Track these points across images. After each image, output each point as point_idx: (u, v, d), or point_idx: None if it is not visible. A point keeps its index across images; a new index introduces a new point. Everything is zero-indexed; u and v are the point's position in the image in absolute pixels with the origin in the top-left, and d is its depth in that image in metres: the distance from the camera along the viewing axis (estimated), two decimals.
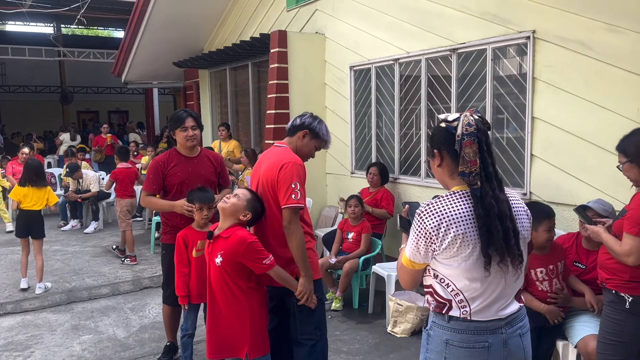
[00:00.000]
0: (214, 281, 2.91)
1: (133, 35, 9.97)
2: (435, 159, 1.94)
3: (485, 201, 1.80)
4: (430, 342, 1.96)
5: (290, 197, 2.84)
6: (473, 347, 1.86)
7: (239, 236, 2.82)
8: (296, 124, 3.14)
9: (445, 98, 5.52)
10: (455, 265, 1.83)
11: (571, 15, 4.21)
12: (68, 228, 8.82)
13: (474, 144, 1.81)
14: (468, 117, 1.85)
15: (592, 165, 4.14)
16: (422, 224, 1.83)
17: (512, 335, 1.90)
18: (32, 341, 4.49)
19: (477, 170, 1.81)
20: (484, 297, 1.86)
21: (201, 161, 3.87)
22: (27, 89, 22.58)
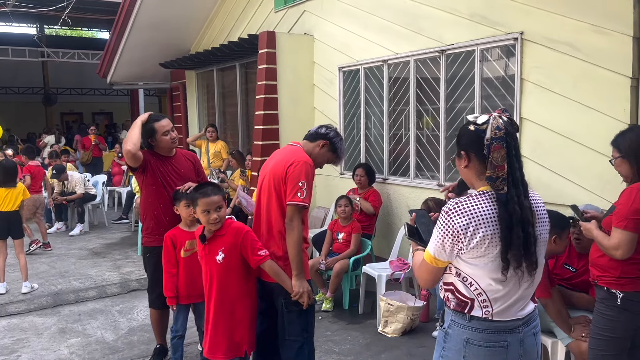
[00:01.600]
0: (216, 280, 2.90)
1: (119, 35, 9.88)
2: (462, 160, 1.94)
3: (509, 207, 1.80)
4: (449, 341, 1.95)
5: (296, 194, 2.84)
6: (493, 347, 1.88)
7: (235, 227, 2.90)
8: (320, 132, 3.13)
9: (434, 99, 5.56)
10: (480, 265, 1.83)
11: (558, 17, 4.26)
12: (53, 230, 8.71)
13: (502, 149, 1.80)
14: (497, 119, 1.83)
15: (581, 165, 4.19)
16: (450, 222, 1.83)
17: (527, 334, 1.93)
18: (19, 345, 4.42)
19: (504, 175, 1.80)
20: (506, 299, 1.87)
21: (179, 160, 3.84)
22: (9, 90, 22.25)
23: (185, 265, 3.61)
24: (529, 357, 1.94)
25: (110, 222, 9.43)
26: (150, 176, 3.70)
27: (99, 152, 12.22)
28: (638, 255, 2.64)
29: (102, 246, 7.72)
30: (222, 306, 2.92)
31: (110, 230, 8.87)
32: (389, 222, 6.10)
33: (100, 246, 7.72)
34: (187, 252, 3.60)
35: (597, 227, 2.80)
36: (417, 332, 4.56)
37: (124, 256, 7.11)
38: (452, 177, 5.40)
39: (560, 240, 3.17)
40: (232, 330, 2.94)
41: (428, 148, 5.71)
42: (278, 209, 2.95)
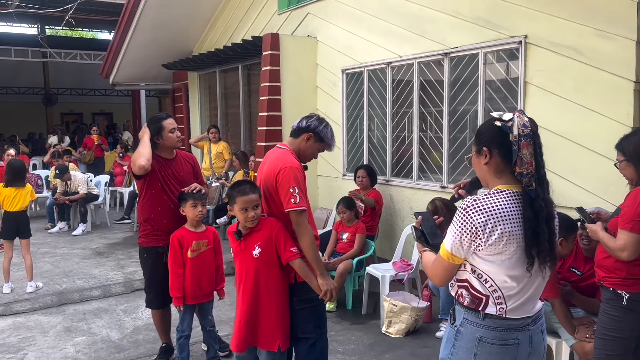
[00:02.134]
0: (253, 274, 2.93)
1: (122, 36, 9.91)
2: (482, 157, 1.94)
3: (536, 203, 1.83)
4: (460, 339, 1.97)
5: (290, 201, 2.89)
6: (505, 344, 1.91)
7: (269, 222, 2.96)
8: (302, 125, 3.14)
9: (438, 101, 5.60)
10: (497, 263, 1.86)
11: (562, 21, 4.31)
12: (55, 230, 8.73)
13: (530, 146, 1.83)
14: (522, 117, 1.87)
15: (583, 167, 4.24)
16: (468, 219, 1.84)
17: (536, 331, 1.97)
18: (25, 343, 4.45)
19: (532, 172, 1.83)
20: (520, 296, 1.90)
21: (179, 163, 3.87)
22: (10, 90, 22.26)
23: (192, 265, 3.64)
24: (537, 353, 1.98)
25: (112, 222, 9.45)
26: (152, 181, 3.72)
27: (101, 152, 12.24)
28: None
29: (105, 246, 7.75)
30: (260, 300, 2.94)
31: (112, 231, 8.90)
32: (391, 223, 6.14)
33: (103, 246, 7.75)
34: (194, 253, 3.64)
35: (603, 229, 2.84)
36: (421, 333, 4.60)
37: (127, 256, 7.13)
38: (455, 179, 5.44)
39: (566, 242, 3.22)
40: (267, 324, 2.95)
41: (431, 150, 5.75)
42: (280, 216, 3.01)
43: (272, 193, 2.99)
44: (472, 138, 5.16)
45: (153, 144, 3.75)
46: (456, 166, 5.45)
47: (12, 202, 5.59)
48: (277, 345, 2.96)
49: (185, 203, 3.64)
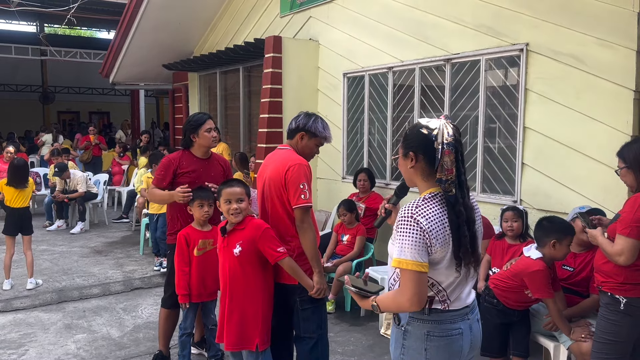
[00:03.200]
0: (231, 273, 3.02)
1: (123, 36, 9.95)
2: (408, 160, 2.04)
3: (456, 208, 1.93)
4: (409, 337, 2.03)
5: (300, 197, 2.94)
6: (451, 335, 2.00)
7: (255, 223, 3.01)
8: (292, 127, 3.20)
9: (439, 107, 5.66)
10: (441, 264, 1.94)
11: (563, 30, 4.38)
12: (54, 228, 8.73)
13: (452, 154, 1.93)
14: (447, 126, 1.96)
15: (582, 174, 4.30)
16: (417, 225, 1.89)
17: (473, 320, 2.09)
18: (26, 339, 4.46)
19: (452, 179, 1.92)
20: (459, 290, 2.01)
21: (212, 164, 3.92)
22: (7, 87, 22.22)
23: (197, 264, 3.67)
24: (477, 342, 2.10)
25: (110, 221, 9.46)
26: (183, 180, 3.77)
27: (99, 151, 12.24)
28: None
29: (104, 244, 7.76)
30: (236, 298, 3.03)
31: (110, 229, 8.91)
32: (390, 227, 6.16)
33: (102, 244, 7.76)
34: (200, 251, 3.67)
35: (602, 234, 2.90)
36: None
37: (125, 255, 7.15)
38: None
39: (560, 245, 3.26)
40: (243, 322, 3.03)
41: None
42: (284, 214, 3.05)
43: (279, 191, 3.03)
44: (473, 143, 5.26)
45: (189, 141, 3.84)
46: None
47: (17, 199, 5.60)
48: (255, 344, 3.01)
49: (192, 202, 3.68)
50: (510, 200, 4.85)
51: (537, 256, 3.27)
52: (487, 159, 5.17)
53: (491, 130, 5.16)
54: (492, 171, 5.13)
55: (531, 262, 3.27)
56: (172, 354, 4.04)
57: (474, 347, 2.09)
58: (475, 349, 2.11)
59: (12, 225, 5.60)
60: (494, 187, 5.09)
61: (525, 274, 3.25)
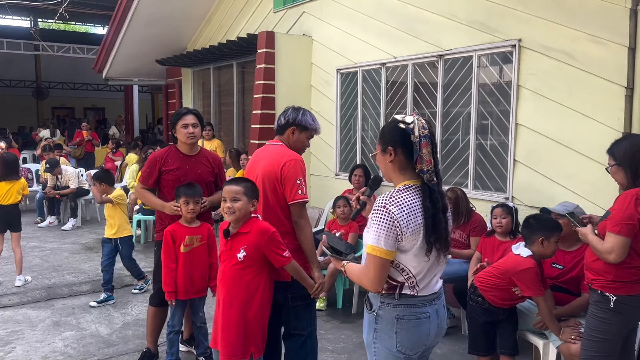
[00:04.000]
0: (232, 278, 2.89)
1: (116, 31, 9.88)
2: (386, 155, 2.12)
3: (434, 196, 2.04)
4: (380, 322, 2.14)
5: (297, 192, 2.93)
6: (419, 318, 2.12)
7: (260, 227, 2.87)
8: (282, 122, 3.14)
9: (431, 103, 5.63)
10: (412, 251, 2.03)
11: (556, 26, 4.35)
12: (45, 224, 8.67)
13: (429, 145, 2.04)
14: (421, 120, 2.07)
15: (573, 171, 4.28)
16: (389, 214, 1.99)
17: (440, 306, 2.21)
18: (13, 337, 4.42)
19: (432, 168, 2.05)
20: (428, 277, 2.11)
21: (199, 160, 3.84)
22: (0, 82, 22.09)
23: (184, 260, 3.63)
24: (442, 326, 2.22)
25: (102, 217, 9.39)
26: (165, 179, 3.76)
27: (91, 147, 12.18)
28: (631, 260, 2.72)
29: (95, 241, 7.70)
30: (236, 304, 2.89)
31: (102, 226, 8.78)
32: None
33: (93, 241, 7.71)
34: (187, 248, 3.62)
35: (593, 232, 2.87)
36: None
37: None
38: (447, 180, 5.47)
39: (548, 242, 3.23)
40: (241, 329, 2.90)
41: None
42: (279, 210, 3.01)
43: (274, 187, 2.99)
44: (465, 140, 5.24)
45: (174, 136, 3.83)
46: (448, 167, 5.49)
47: (5, 196, 5.55)
48: (250, 353, 2.91)
49: (179, 199, 3.64)
50: (502, 197, 4.83)
51: (528, 254, 3.25)
52: (480, 156, 5.15)
53: (483, 127, 5.14)
54: (484, 168, 5.11)
55: (521, 259, 3.25)
56: (161, 351, 4.01)
57: (440, 331, 2.21)
58: (441, 333, 2.23)
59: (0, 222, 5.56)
60: (486, 184, 5.07)
61: (514, 272, 3.22)
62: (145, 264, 6.47)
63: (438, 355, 4.19)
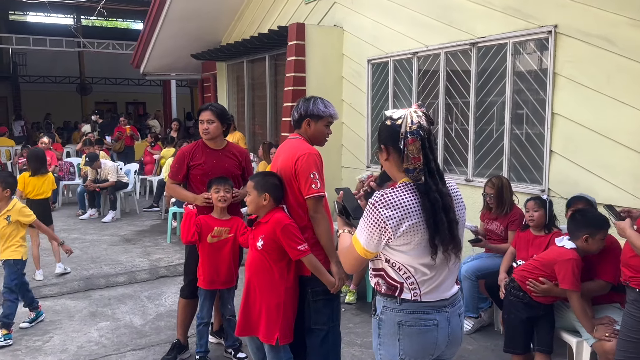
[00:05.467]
0: (254, 265, 3.03)
1: (152, 27, 10.04)
2: (383, 154, 2.04)
3: (430, 195, 1.92)
4: (383, 327, 2.06)
5: (311, 187, 2.89)
6: (424, 325, 2.01)
7: (276, 218, 2.96)
8: (295, 117, 3.11)
9: (464, 92, 5.49)
10: (408, 252, 1.95)
11: (594, 10, 4.15)
12: (86, 217, 8.94)
13: (417, 141, 1.91)
14: (412, 114, 1.94)
15: (612, 162, 4.09)
16: (377, 214, 1.92)
17: (453, 314, 2.07)
18: (51, 326, 4.58)
19: (420, 167, 1.92)
20: (432, 281, 2.00)
21: (226, 155, 3.89)
22: (47, 79, 22.87)
23: (210, 251, 3.67)
24: (456, 335, 2.08)
25: (141, 209, 9.63)
26: (193, 173, 3.82)
27: (131, 141, 12.46)
28: None
29: (133, 233, 7.90)
30: (258, 291, 3.03)
31: (141, 218, 9.07)
32: None
33: (131, 233, 7.90)
34: (214, 239, 3.66)
35: (631, 227, 2.73)
36: None
37: (153, 243, 7.26)
38: (481, 172, 5.34)
39: (592, 240, 3.14)
40: (262, 316, 3.01)
41: (457, 142, 5.65)
42: (296, 204, 3.00)
43: (290, 182, 2.98)
44: (499, 130, 5.08)
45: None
46: (482, 159, 5.35)
47: (39, 190, 5.74)
48: (275, 338, 2.97)
49: (210, 189, 3.69)
50: (538, 189, 4.67)
51: (571, 246, 3.19)
52: (514, 147, 4.99)
53: (519, 116, 4.97)
54: (519, 159, 4.95)
55: (564, 250, 3.20)
56: (191, 343, 4.07)
57: (453, 341, 2.08)
58: (455, 344, 2.10)
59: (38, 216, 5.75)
60: (521, 176, 4.91)
61: (557, 262, 3.17)
62: (180, 255, 6.60)
63: (469, 351, 4.11)
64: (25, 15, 24.98)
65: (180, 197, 3.95)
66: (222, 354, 4.06)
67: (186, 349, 4.03)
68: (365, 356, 4.08)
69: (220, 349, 4.13)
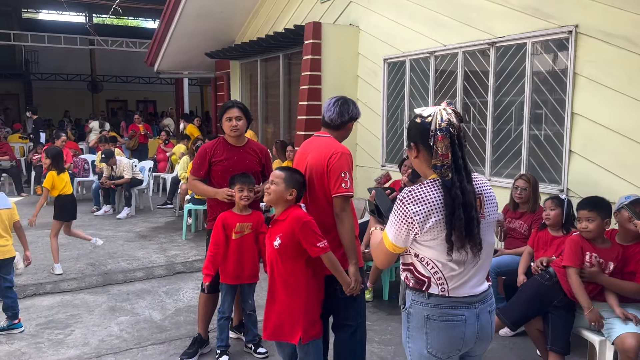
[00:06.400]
0: (272, 264, 3.03)
1: (167, 25, 10.10)
2: (412, 151, 2.08)
3: (452, 192, 1.94)
4: (412, 320, 2.08)
5: (341, 185, 2.91)
6: (452, 320, 2.02)
7: (294, 215, 2.94)
8: (345, 119, 3.11)
9: (482, 92, 5.50)
10: (435, 247, 1.97)
11: (615, 10, 4.15)
12: (101, 213, 9.01)
13: (446, 139, 1.93)
14: (441, 112, 1.97)
15: (633, 162, 4.10)
16: (404, 210, 1.96)
17: (483, 310, 2.08)
18: (72, 320, 4.63)
19: (448, 163, 1.94)
20: (461, 277, 2.02)
21: (247, 151, 3.93)
22: (58, 77, 23.03)
23: (235, 247, 3.71)
24: (485, 332, 2.09)
25: (155, 206, 9.69)
26: (215, 170, 3.86)
27: (144, 139, 12.54)
28: None
29: (148, 229, 7.96)
30: (277, 290, 3.02)
31: (155, 215, 9.13)
32: None
33: (147, 229, 7.96)
34: (238, 235, 3.70)
35: None
36: None
37: (169, 240, 7.31)
38: (498, 171, 5.34)
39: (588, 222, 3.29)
40: (283, 315, 2.99)
41: (474, 142, 5.66)
42: (325, 203, 3.02)
43: (320, 179, 3.00)
44: (518, 130, 5.09)
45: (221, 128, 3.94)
46: (500, 158, 5.35)
47: (67, 187, 5.82)
48: (297, 337, 2.96)
49: (233, 187, 3.72)
50: (557, 189, 4.68)
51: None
52: (533, 146, 5.00)
53: (537, 116, 4.97)
54: (538, 159, 4.96)
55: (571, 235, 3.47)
56: (211, 337, 4.11)
57: (483, 338, 2.09)
58: (485, 340, 2.11)
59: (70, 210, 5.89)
60: (540, 176, 4.91)
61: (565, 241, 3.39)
62: (196, 252, 6.65)
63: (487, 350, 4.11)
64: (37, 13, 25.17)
65: (202, 192, 3.98)
66: (242, 348, 4.09)
67: (207, 344, 4.06)
68: (384, 353, 4.11)
69: (240, 344, 4.16)
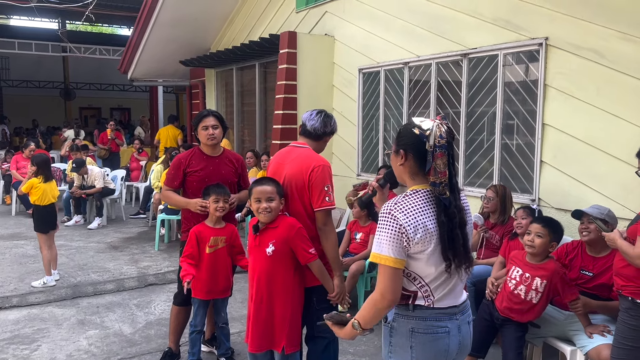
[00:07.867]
0: (262, 273, 2.95)
1: (141, 32, 9.99)
2: (399, 157, 2.04)
3: (450, 210, 1.93)
4: (395, 335, 2.03)
5: (324, 199, 2.90)
6: (436, 333, 1.99)
7: (288, 222, 2.93)
8: (327, 130, 3.13)
9: (455, 103, 5.55)
10: (422, 259, 1.93)
11: (584, 23, 4.24)
12: (71, 223, 8.81)
13: (444, 156, 1.91)
14: (440, 127, 1.94)
15: (602, 172, 4.16)
16: (395, 221, 1.90)
17: (463, 322, 2.07)
18: (39, 335, 4.49)
19: (446, 181, 1.92)
20: (444, 286, 1.99)
21: (222, 161, 3.87)
22: (30, 83, 22.59)
23: (209, 261, 3.64)
24: (465, 344, 2.08)
25: (128, 216, 9.53)
26: (190, 181, 3.80)
27: (116, 147, 12.33)
28: None
29: (120, 240, 7.81)
30: (266, 299, 2.96)
31: (127, 225, 8.97)
32: None
33: (118, 240, 7.81)
34: (212, 249, 3.64)
35: (621, 237, 2.78)
36: None
37: (141, 250, 7.18)
38: (471, 181, 5.39)
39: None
40: (271, 323, 2.97)
41: None
42: (305, 216, 2.99)
43: (300, 190, 2.97)
44: (490, 140, 5.14)
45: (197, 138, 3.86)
46: (472, 168, 5.40)
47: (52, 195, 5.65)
48: (281, 346, 2.95)
49: (208, 197, 3.65)
50: (528, 198, 4.73)
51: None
52: (505, 157, 5.05)
53: (509, 126, 5.04)
54: (510, 169, 5.01)
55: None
56: (183, 351, 4.03)
57: (463, 349, 2.08)
58: (464, 352, 2.10)
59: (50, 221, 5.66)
60: (512, 186, 4.96)
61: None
62: (169, 263, 6.54)
63: None
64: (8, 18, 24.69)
65: (174, 202, 3.92)
66: None
67: (178, 357, 3.99)
68: None
69: (212, 358, 4.10)
